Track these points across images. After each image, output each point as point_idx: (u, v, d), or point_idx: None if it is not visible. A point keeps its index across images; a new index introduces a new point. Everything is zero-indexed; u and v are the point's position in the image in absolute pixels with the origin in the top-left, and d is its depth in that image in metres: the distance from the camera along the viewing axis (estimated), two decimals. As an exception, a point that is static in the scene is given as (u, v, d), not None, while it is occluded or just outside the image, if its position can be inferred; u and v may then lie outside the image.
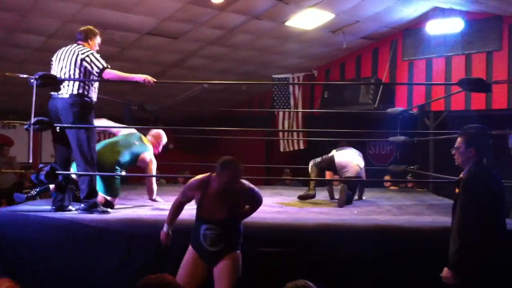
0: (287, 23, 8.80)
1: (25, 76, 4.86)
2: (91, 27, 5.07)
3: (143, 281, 1.92)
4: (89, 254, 4.06)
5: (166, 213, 4.70)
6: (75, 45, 4.89)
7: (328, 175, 6.73)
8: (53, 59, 4.92)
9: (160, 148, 5.93)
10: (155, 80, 4.95)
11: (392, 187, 8.75)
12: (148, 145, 5.69)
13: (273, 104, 11.19)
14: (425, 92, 9.60)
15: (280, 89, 11.14)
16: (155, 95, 11.16)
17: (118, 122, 8.35)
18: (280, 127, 11.29)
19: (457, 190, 3.50)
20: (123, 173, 6.83)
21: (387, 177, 8.67)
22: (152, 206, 5.26)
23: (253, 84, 11.51)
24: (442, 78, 9.30)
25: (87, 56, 4.77)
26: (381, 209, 5.40)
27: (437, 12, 8.97)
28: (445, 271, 3.36)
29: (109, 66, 4.87)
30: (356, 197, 6.34)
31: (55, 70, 4.83)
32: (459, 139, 3.67)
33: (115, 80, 5.00)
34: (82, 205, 4.70)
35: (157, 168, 10.15)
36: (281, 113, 11.22)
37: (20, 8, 7.21)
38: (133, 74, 5.03)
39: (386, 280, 3.90)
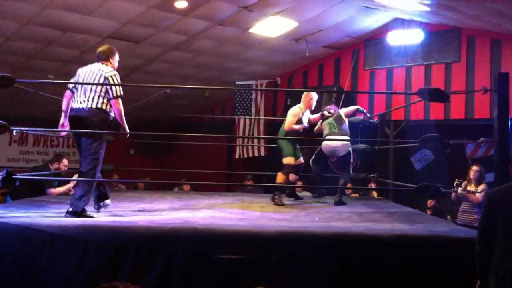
0: (250, 30, 8.81)
1: (-19, 77, 4.72)
2: (110, 46, 5.24)
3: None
4: (42, 260, 3.93)
5: (125, 219, 4.64)
6: (99, 64, 5.05)
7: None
8: (78, 72, 5.05)
9: (312, 103, 6.73)
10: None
11: (353, 195, 8.81)
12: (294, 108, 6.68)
13: (234, 111, 11.19)
14: (386, 101, 9.75)
15: (242, 95, 11.14)
16: (116, 99, 10.98)
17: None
18: (240, 134, 11.29)
19: None
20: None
21: (348, 185, 8.73)
22: (111, 213, 5.14)
23: (215, 91, 11.49)
24: (402, 87, 9.47)
25: (111, 76, 4.93)
26: (341, 216, 5.41)
27: (397, 23, 9.14)
28: None
29: (122, 95, 5.03)
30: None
31: (80, 85, 4.93)
32: None
33: (115, 112, 5.02)
34: (71, 209, 4.71)
35: (117, 173, 10.11)
36: (241, 120, 11.22)
37: (-24, 8, 7.02)
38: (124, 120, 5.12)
39: (344, 286, 3.90)
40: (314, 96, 6.73)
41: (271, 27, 8.76)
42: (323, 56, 10.52)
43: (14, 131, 4.84)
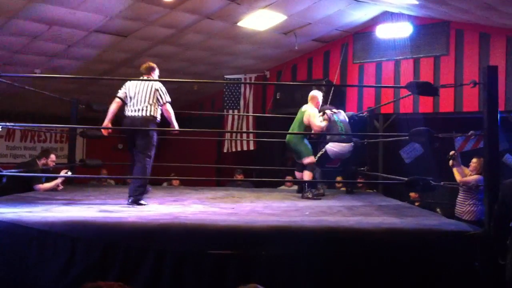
0: (239, 24, 8.76)
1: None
2: (149, 63, 6.04)
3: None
4: (30, 257, 3.89)
5: (114, 215, 4.60)
6: (146, 78, 5.88)
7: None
8: (128, 85, 5.82)
9: (318, 104, 7.01)
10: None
11: (343, 188, 8.82)
12: (306, 107, 6.86)
13: (223, 104, 11.14)
14: (375, 94, 9.75)
15: (231, 89, 11.09)
16: (102, 94, 10.89)
17: (64, 122, 8.13)
18: (228, 128, 11.25)
19: None
20: (68, 174, 6.74)
21: (338, 178, 8.73)
22: (99, 208, 5.10)
23: (205, 85, 11.42)
24: (391, 81, 9.47)
25: (160, 88, 5.78)
26: (332, 210, 5.41)
27: (386, 16, 9.14)
28: None
29: (170, 101, 5.89)
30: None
31: (132, 95, 5.73)
32: None
33: (166, 115, 5.87)
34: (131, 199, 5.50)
35: (106, 169, 10.04)
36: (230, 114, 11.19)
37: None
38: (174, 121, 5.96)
39: (334, 281, 3.90)
40: (320, 96, 7.07)
41: (259, 20, 8.71)
42: (312, 50, 10.49)
43: (0, 127, 4.78)
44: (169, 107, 5.86)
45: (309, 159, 6.74)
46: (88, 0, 7.30)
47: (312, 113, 6.77)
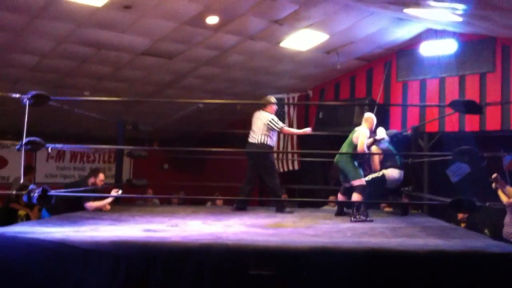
0: (281, 44, 8.83)
1: (17, 95, 4.88)
2: (264, 98, 7.78)
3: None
4: (75, 276, 4.00)
5: (157, 235, 4.68)
6: (262, 111, 7.32)
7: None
8: (254, 117, 7.33)
9: (372, 125, 6.99)
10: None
11: (387, 208, 8.69)
12: (359, 128, 6.91)
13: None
14: (419, 112, 9.62)
15: (276, 109, 11.12)
16: (148, 114, 11.13)
17: (109, 143, 8.34)
18: (275, 148, 11.25)
19: None
20: (119, 193, 6.90)
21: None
22: (144, 228, 5.19)
23: (248, 105, 11.51)
24: (436, 99, 9.33)
25: (269, 121, 7.16)
26: (374, 231, 5.35)
27: (430, 33, 9.04)
28: None
29: (284, 126, 7.41)
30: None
31: (255, 126, 7.26)
32: None
33: (287, 134, 7.72)
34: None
35: (151, 188, 10.20)
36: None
37: (14, 27, 7.23)
38: (296, 130, 7.92)
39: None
40: (374, 118, 7.04)
41: (301, 40, 8.76)
42: (355, 68, 10.46)
43: (50, 148, 4.95)
44: (287, 129, 7.36)
45: (358, 181, 6.60)
46: (135, 24, 7.52)
47: (362, 133, 6.73)
